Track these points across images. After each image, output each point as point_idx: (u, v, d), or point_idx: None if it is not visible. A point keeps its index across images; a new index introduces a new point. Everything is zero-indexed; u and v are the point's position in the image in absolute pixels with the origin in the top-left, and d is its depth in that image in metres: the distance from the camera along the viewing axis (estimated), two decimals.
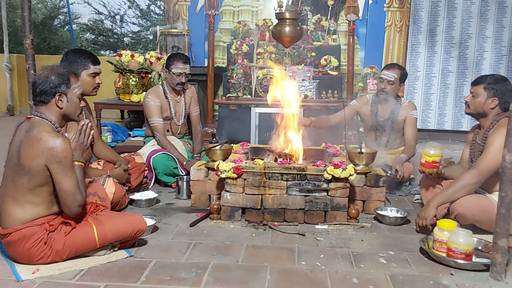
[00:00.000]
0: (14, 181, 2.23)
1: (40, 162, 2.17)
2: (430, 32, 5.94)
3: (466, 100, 3.01)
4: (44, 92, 2.28)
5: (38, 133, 2.19)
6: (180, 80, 3.99)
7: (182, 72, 3.97)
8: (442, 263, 2.45)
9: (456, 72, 5.95)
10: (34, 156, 2.17)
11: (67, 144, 2.22)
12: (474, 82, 3.01)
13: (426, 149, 3.08)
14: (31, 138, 2.19)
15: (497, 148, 2.67)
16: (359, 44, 6.17)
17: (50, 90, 2.28)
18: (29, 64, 3.12)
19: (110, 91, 5.89)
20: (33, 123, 2.26)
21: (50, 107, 2.31)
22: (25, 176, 2.20)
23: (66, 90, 2.32)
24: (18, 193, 2.23)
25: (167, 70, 4.01)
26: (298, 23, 3.74)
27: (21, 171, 2.20)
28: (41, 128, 2.21)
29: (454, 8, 5.87)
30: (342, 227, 3.00)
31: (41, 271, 2.24)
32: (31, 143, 2.18)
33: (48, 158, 2.17)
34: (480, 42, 5.88)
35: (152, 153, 3.84)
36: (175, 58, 4.00)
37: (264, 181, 3.03)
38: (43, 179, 2.21)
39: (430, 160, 3.06)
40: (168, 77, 4.04)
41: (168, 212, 3.26)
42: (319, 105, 5.10)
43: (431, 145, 3.08)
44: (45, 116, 2.29)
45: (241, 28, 6.16)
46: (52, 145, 2.17)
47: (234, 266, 2.39)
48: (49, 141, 2.17)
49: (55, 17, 13.32)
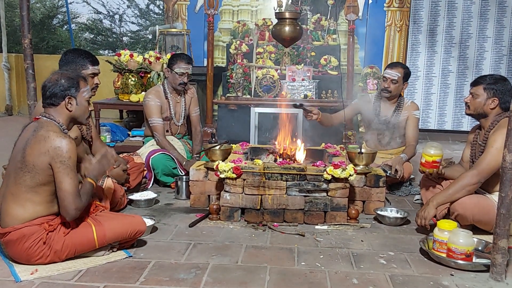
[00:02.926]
0: (16, 178, 2.24)
1: (44, 160, 2.20)
2: (430, 31, 5.94)
3: (466, 101, 3.01)
4: (54, 95, 2.31)
5: (46, 132, 2.23)
6: (182, 80, 3.98)
7: (184, 72, 3.96)
8: (442, 263, 2.45)
9: (457, 72, 5.95)
10: (39, 154, 2.20)
11: (72, 145, 2.24)
12: (473, 82, 3.00)
13: (426, 149, 3.08)
14: (38, 137, 2.22)
15: (498, 148, 2.67)
16: (359, 43, 6.17)
17: (60, 93, 2.31)
18: (28, 64, 3.11)
19: (109, 91, 5.88)
20: (40, 123, 2.29)
21: (60, 110, 2.34)
22: (29, 173, 2.21)
23: (75, 94, 2.35)
24: (19, 191, 2.24)
25: (170, 69, 3.99)
26: (298, 22, 3.72)
27: (25, 168, 2.22)
28: (49, 128, 2.25)
29: (454, 7, 5.87)
30: (342, 227, 2.99)
31: (40, 272, 2.23)
32: (38, 142, 2.21)
33: (52, 157, 2.19)
34: (481, 42, 5.88)
35: (151, 153, 3.83)
36: (178, 58, 3.98)
37: (264, 181, 3.02)
38: (46, 177, 2.22)
39: (431, 160, 3.05)
40: (170, 77, 4.02)
41: (167, 213, 3.25)
42: (319, 105, 5.09)
43: (431, 145, 3.08)
44: (53, 118, 2.32)
45: (241, 28, 6.15)
46: (58, 145, 2.20)
47: (233, 266, 2.38)
48: (56, 141, 2.21)
49: (53, 17, 13.31)
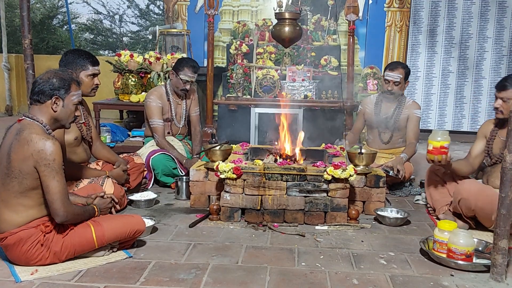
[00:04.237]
0: (5, 184, 2.20)
1: (29, 164, 2.15)
2: (430, 32, 5.94)
3: (497, 106, 2.96)
4: (42, 92, 2.27)
5: (28, 135, 2.17)
6: (185, 87, 3.97)
7: (189, 80, 3.95)
8: (442, 264, 2.45)
9: (457, 73, 5.94)
10: (24, 158, 2.15)
11: (56, 146, 2.18)
12: (501, 86, 2.94)
13: (433, 136, 3.01)
14: (21, 141, 2.17)
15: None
16: (359, 44, 6.16)
17: (48, 91, 2.27)
18: (28, 64, 3.11)
19: (109, 91, 5.88)
20: (23, 125, 2.23)
21: (44, 108, 2.29)
22: (16, 179, 2.17)
23: (64, 95, 2.31)
24: (9, 196, 2.20)
25: (175, 73, 3.97)
26: (298, 23, 3.73)
27: (12, 174, 2.17)
28: (32, 130, 2.19)
29: (455, 8, 5.87)
30: (342, 228, 2.99)
31: (40, 272, 2.23)
32: (21, 146, 2.16)
33: (36, 161, 2.14)
34: (481, 42, 5.88)
35: (152, 153, 3.83)
36: (186, 65, 3.94)
37: (264, 181, 3.02)
38: (34, 182, 2.18)
39: (438, 146, 2.96)
40: (173, 80, 4.00)
41: (167, 213, 3.25)
42: (319, 105, 5.09)
43: (437, 132, 3.01)
44: (36, 118, 2.27)
45: (241, 28, 6.14)
46: (41, 148, 2.15)
47: (233, 267, 2.38)
48: (39, 144, 2.15)
49: (53, 17, 13.31)
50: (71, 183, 3.03)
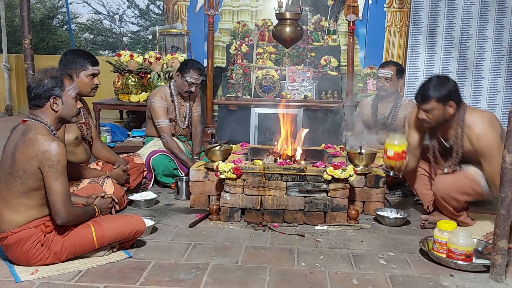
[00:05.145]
0: (7, 183, 2.21)
1: (33, 164, 2.16)
2: (430, 32, 5.93)
3: (422, 118, 2.85)
4: (38, 96, 2.26)
5: (34, 135, 2.18)
6: (190, 89, 3.96)
7: (195, 82, 3.94)
8: (442, 264, 2.45)
9: (456, 73, 5.94)
10: (28, 158, 2.15)
11: (61, 148, 2.19)
12: (421, 99, 2.82)
13: (391, 140, 2.94)
14: (26, 141, 2.17)
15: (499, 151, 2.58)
16: (359, 44, 6.16)
17: (44, 93, 2.26)
18: (28, 64, 3.11)
19: (109, 91, 5.88)
20: (28, 126, 2.24)
21: (46, 111, 2.29)
22: (19, 179, 2.18)
23: (60, 93, 2.30)
24: (11, 196, 2.21)
25: (181, 75, 3.95)
26: (299, 23, 3.73)
27: (15, 174, 2.18)
28: (37, 131, 2.20)
29: (454, 8, 5.86)
30: (342, 228, 2.99)
31: (40, 272, 2.23)
32: (26, 146, 2.16)
33: (41, 161, 2.15)
34: (480, 42, 5.87)
35: (152, 153, 3.82)
36: (192, 67, 3.92)
37: (264, 181, 3.03)
38: (37, 182, 2.19)
39: (400, 151, 2.92)
40: (178, 82, 3.98)
41: (167, 213, 3.25)
42: (318, 105, 5.09)
43: (395, 136, 2.97)
44: (41, 119, 2.27)
45: (241, 28, 6.14)
46: (46, 148, 2.15)
47: (233, 267, 2.38)
48: (44, 144, 2.16)
49: (53, 17, 13.31)
50: (71, 183, 3.03)
